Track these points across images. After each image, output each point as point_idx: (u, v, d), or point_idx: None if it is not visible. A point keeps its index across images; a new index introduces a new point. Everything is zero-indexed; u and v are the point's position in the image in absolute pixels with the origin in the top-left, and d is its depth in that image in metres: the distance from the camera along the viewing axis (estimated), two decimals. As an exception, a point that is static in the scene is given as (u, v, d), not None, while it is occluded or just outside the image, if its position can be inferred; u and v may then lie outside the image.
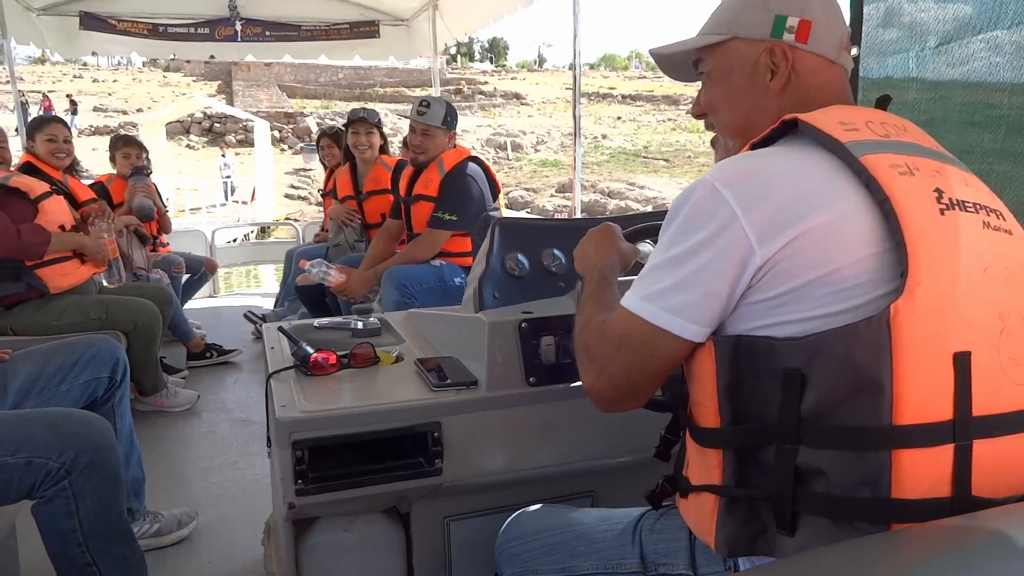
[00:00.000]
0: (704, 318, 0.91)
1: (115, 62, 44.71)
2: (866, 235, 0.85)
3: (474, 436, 1.44)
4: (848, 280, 0.85)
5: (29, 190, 2.99)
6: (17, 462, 1.54)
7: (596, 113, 37.22)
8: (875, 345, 0.81)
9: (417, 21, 6.21)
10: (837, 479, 0.85)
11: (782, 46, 1.02)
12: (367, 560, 1.50)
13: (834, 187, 0.88)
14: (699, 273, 0.89)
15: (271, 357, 1.66)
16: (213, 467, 2.88)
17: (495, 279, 1.63)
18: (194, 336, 4.12)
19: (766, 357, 0.88)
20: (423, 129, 3.33)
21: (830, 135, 0.90)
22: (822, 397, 0.85)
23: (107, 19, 5.63)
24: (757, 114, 1.05)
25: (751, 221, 0.87)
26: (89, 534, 1.59)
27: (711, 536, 0.96)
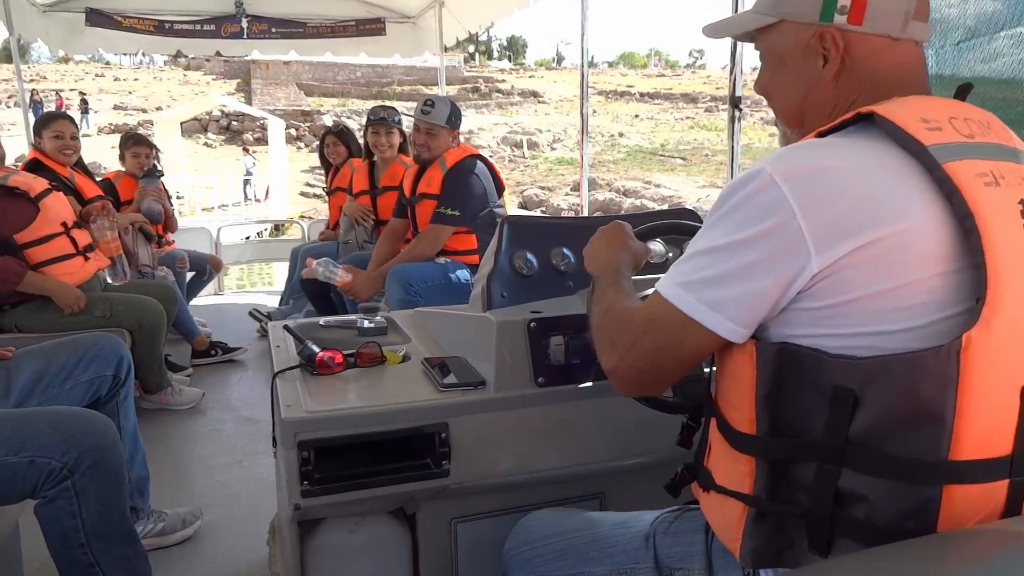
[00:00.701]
0: (744, 318, 0.85)
1: (137, 61, 45.25)
2: (940, 251, 0.78)
3: (482, 437, 1.42)
4: (913, 298, 0.78)
5: (28, 188, 2.97)
6: (20, 461, 1.52)
7: (614, 111, 37.25)
8: (941, 376, 0.76)
9: (423, 18, 6.19)
10: (880, 508, 0.81)
11: (831, 31, 0.92)
12: (373, 562, 1.48)
13: (908, 194, 0.80)
14: (745, 271, 0.83)
15: (277, 356, 1.64)
16: (218, 466, 2.87)
17: (503, 278, 1.61)
18: (199, 334, 4.10)
19: (814, 371, 0.83)
20: (427, 128, 3.32)
21: (913, 136, 0.81)
22: (875, 422, 0.80)
23: (113, 15, 5.62)
24: (813, 102, 0.97)
25: (811, 224, 0.79)
26: (92, 534, 1.58)
27: (736, 544, 0.93)
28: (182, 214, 13.75)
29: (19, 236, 2.93)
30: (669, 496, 1.18)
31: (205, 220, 10.78)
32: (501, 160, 28.58)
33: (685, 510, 1.13)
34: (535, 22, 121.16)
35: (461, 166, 3.30)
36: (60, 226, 3.07)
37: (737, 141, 2.55)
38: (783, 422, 0.87)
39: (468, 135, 30.18)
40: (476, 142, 29.53)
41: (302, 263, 4.75)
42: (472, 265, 3.25)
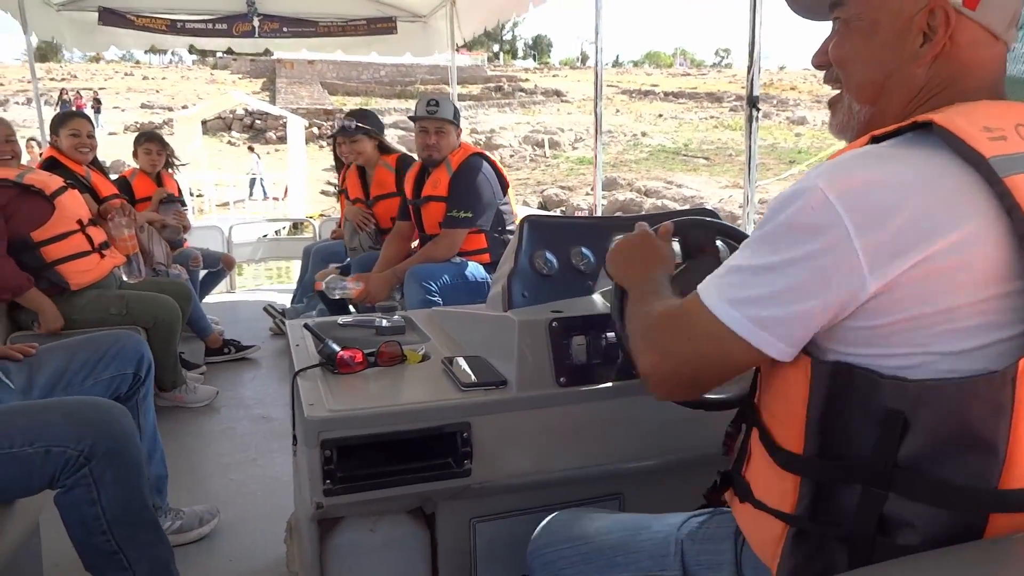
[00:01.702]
0: (792, 337, 0.83)
1: (166, 60, 45.93)
2: (998, 270, 0.75)
3: (503, 437, 1.41)
4: (968, 319, 0.76)
5: (44, 187, 2.99)
6: (36, 451, 1.53)
7: (637, 110, 37.27)
8: (995, 403, 0.74)
9: (434, 17, 6.19)
10: (924, 533, 0.79)
11: (946, 8, 0.85)
12: (392, 561, 1.49)
13: (966, 210, 0.76)
14: (795, 291, 0.80)
15: (296, 355, 1.65)
16: (233, 464, 2.87)
17: (524, 277, 1.61)
18: (212, 331, 4.12)
19: (866, 391, 0.81)
20: (437, 127, 3.30)
21: (972, 147, 0.77)
22: (923, 447, 0.78)
23: (125, 14, 5.65)
24: (897, 80, 0.90)
25: (866, 244, 0.76)
26: (113, 521, 1.59)
27: (774, 563, 0.91)
28: (203, 211, 13.86)
29: (35, 234, 2.95)
30: (689, 497, 1.18)
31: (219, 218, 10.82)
32: (522, 159, 28.56)
33: (714, 515, 1.11)
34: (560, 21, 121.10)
35: (467, 166, 3.28)
36: (76, 224, 3.09)
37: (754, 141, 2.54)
38: (832, 443, 0.85)
39: (490, 134, 30.19)
40: (497, 141, 29.52)
41: (315, 261, 4.76)
42: (484, 263, 3.25)
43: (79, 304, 3.07)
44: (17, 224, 2.91)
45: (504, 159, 28.29)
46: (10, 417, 1.60)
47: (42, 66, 39.40)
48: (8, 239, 2.89)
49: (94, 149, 3.73)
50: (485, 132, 30.38)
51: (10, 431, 1.54)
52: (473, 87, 39.88)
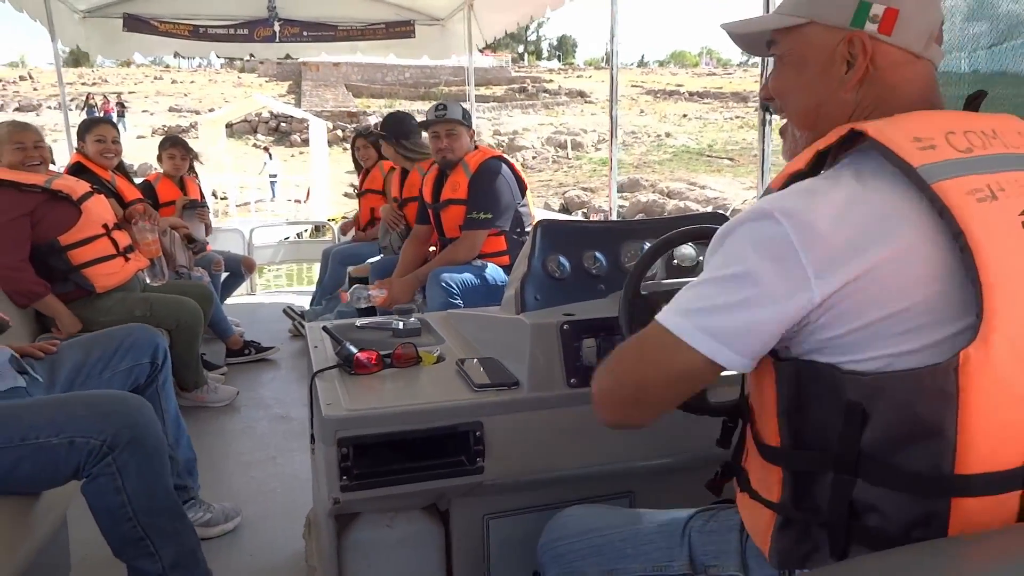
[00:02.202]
0: (744, 347, 0.87)
1: (195, 64, 46.59)
2: (936, 270, 0.80)
3: (515, 436, 1.45)
4: (918, 318, 0.80)
5: (71, 192, 3.07)
6: (61, 442, 1.60)
7: (662, 111, 37.20)
8: (940, 393, 0.78)
9: (452, 21, 6.25)
10: (891, 517, 0.84)
11: (862, 37, 0.93)
12: (407, 556, 1.53)
13: (901, 219, 0.81)
14: (747, 303, 0.85)
15: (315, 356, 1.69)
16: (254, 462, 2.93)
17: (537, 281, 1.64)
18: (233, 333, 4.19)
19: (830, 385, 0.86)
20: (448, 130, 3.33)
21: (901, 157, 0.82)
22: (882, 436, 0.83)
23: (149, 20, 5.75)
24: (829, 106, 0.97)
25: (812, 258, 0.81)
26: (139, 509, 1.65)
27: (766, 547, 0.97)
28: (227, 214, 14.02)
29: (63, 238, 3.03)
30: (698, 494, 1.21)
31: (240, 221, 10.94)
32: (545, 161, 28.58)
33: (720, 509, 1.15)
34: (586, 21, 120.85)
35: (485, 169, 3.31)
36: (101, 228, 3.17)
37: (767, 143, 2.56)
38: (803, 435, 0.90)
39: (512, 135, 30.19)
40: (520, 142, 29.53)
41: (333, 264, 4.83)
42: (504, 265, 3.28)
43: (104, 307, 3.14)
44: (45, 228, 2.99)
45: (526, 160, 28.31)
46: (35, 410, 1.67)
47: (74, 71, 40.29)
48: (36, 243, 2.97)
49: (119, 154, 3.82)
50: (508, 134, 30.46)
51: (36, 423, 1.61)
52: (497, 88, 39.97)
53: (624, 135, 31.24)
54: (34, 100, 33.09)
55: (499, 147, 28.90)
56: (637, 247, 1.71)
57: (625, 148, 29.89)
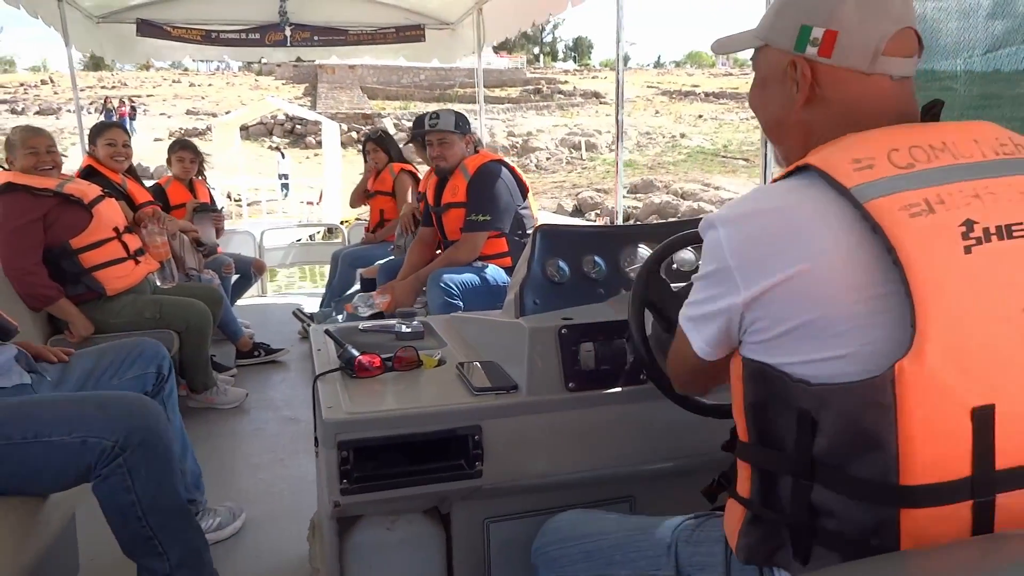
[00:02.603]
0: (707, 337, 0.98)
1: (213, 67, 46.98)
2: (863, 280, 0.82)
3: (514, 439, 1.46)
4: (843, 324, 0.82)
5: (83, 195, 3.11)
6: (73, 441, 1.63)
7: (677, 111, 37.10)
8: (878, 405, 0.79)
9: (461, 25, 6.27)
10: (848, 523, 0.85)
11: (802, 61, 0.97)
12: (408, 559, 1.54)
13: (830, 230, 0.84)
14: (706, 300, 0.96)
15: (318, 359, 1.71)
16: (262, 464, 2.96)
17: (536, 285, 1.65)
18: (243, 335, 4.22)
19: (783, 391, 0.89)
20: (439, 138, 3.39)
21: (836, 180, 0.85)
22: (831, 445, 0.85)
23: (163, 26, 5.81)
24: (787, 124, 1.02)
25: (738, 264, 0.89)
26: (148, 509, 1.68)
27: (734, 541, 1.00)
28: (240, 215, 14.12)
29: (74, 241, 3.07)
30: (698, 500, 1.22)
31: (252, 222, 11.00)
32: (559, 162, 28.56)
33: (708, 518, 1.16)
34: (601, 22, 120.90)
35: (484, 172, 3.34)
36: (112, 231, 3.21)
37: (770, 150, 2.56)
38: (766, 433, 0.94)
39: (527, 137, 30.19)
40: (534, 144, 29.53)
41: (343, 266, 4.86)
42: (505, 267, 3.30)
43: (115, 309, 3.18)
44: (57, 232, 3.03)
45: (540, 162, 28.29)
46: (48, 407, 1.70)
47: (94, 74, 40.82)
48: (48, 246, 3.01)
49: (129, 158, 3.86)
50: (522, 135, 30.46)
51: (49, 421, 1.64)
52: (512, 90, 40.02)
53: (639, 136, 31.18)
54: (54, 104, 33.51)
55: (513, 148, 28.89)
56: (635, 251, 1.72)
57: (639, 149, 29.84)
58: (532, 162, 28.22)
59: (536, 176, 26.54)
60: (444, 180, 3.48)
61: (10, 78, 40.90)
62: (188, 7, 5.85)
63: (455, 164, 3.40)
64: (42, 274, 2.99)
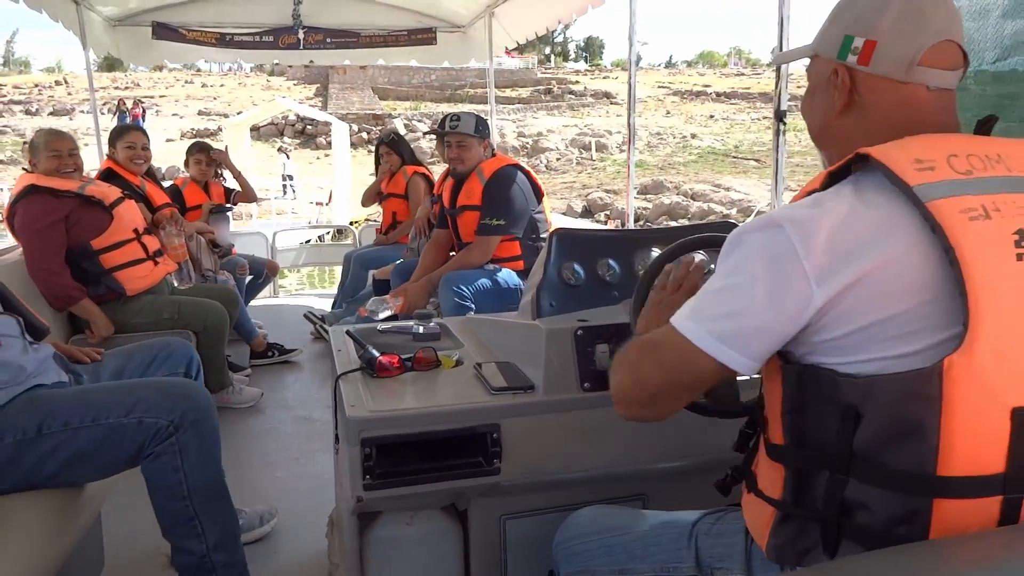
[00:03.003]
0: (752, 350, 0.93)
1: (226, 68, 47.22)
2: (926, 280, 0.85)
3: (531, 438, 1.50)
4: (908, 325, 0.86)
5: (104, 197, 3.17)
6: (130, 422, 1.71)
7: (688, 112, 36.95)
8: (925, 396, 0.82)
9: (473, 28, 6.31)
10: (879, 514, 0.88)
11: (843, 68, 1.02)
12: (427, 553, 1.57)
13: (895, 231, 0.87)
14: (754, 307, 0.91)
15: (338, 359, 1.75)
16: (278, 462, 3.00)
17: (552, 288, 1.69)
18: (257, 335, 4.27)
19: (829, 388, 0.91)
20: (458, 141, 3.42)
21: (899, 177, 0.88)
22: (873, 436, 0.88)
23: (178, 29, 5.88)
24: (830, 130, 1.07)
25: (813, 263, 0.87)
26: (193, 488, 1.76)
27: (764, 541, 1.02)
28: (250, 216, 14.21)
29: (95, 242, 3.13)
30: (710, 497, 1.25)
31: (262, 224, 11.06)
32: (569, 163, 28.48)
33: (727, 512, 1.19)
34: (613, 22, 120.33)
35: (500, 175, 3.37)
36: (132, 232, 3.26)
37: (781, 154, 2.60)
38: (804, 434, 0.96)
39: (536, 137, 30.13)
40: (544, 144, 29.46)
41: (355, 268, 4.90)
42: (518, 270, 3.33)
43: (135, 309, 3.23)
44: (79, 233, 3.08)
45: (550, 162, 28.22)
46: (107, 393, 1.79)
47: (108, 75, 41.14)
48: (69, 246, 3.07)
49: (148, 160, 3.93)
50: (532, 135, 30.45)
51: (108, 403, 1.72)
52: (523, 90, 39.99)
53: (649, 136, 31.10)
54: (68, 105, 33.81)
55: (523, 149, 28.80)
56: (649, 255, 1.75)
57: (650, 150, 29.77)
58: (542, 163, 28.20)
59: (546, 177, 26.45)
60: (460, 183, 3.50)
61: (25, 79, 41.25)
62: (203, 10, 5.92)
63: (472, 167, 3.44)
64: (66, 275, 3.05)
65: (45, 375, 1.81)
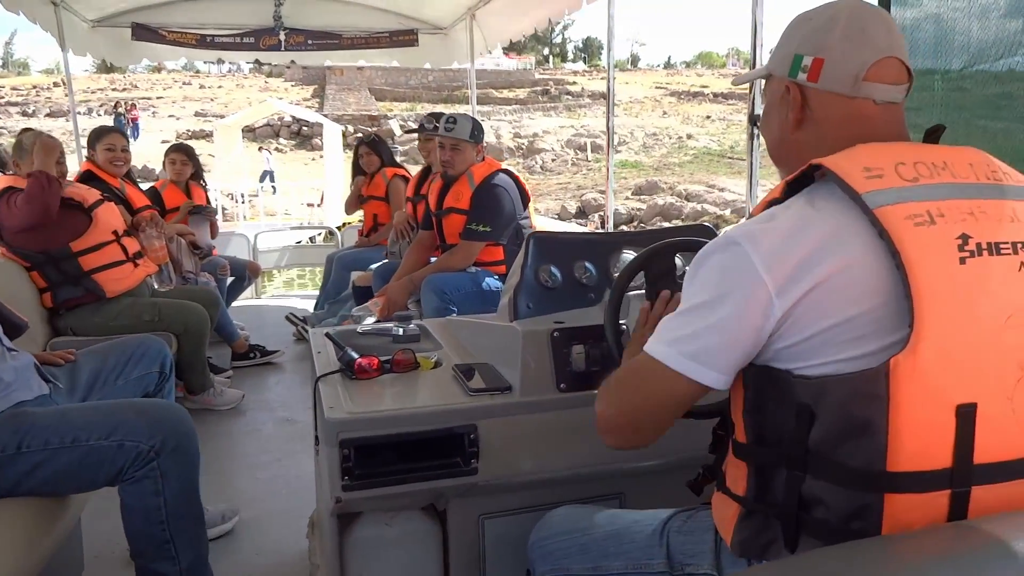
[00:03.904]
0: (723, 365, 0.97)
1: (224, 69, 46.92)
2: (878, 285, 0.88)
3: (508, 438, 1.52)
4: (862, 328, 0.89)
5: (83, 199, 3.16)
6: (110, 444, 1.70)
7: (685, 112, 36.98)
8: (873, 395, 0.86)
9: (455, 30, 6.33)
10: (834, 510, 0.92)
11: (794, 86, 1.07)
12: (406, 554, 1.59)
13: (847, 238, 0.90)
14: (721, 323, 0.95)
15: (318, 361, 1.76)
16: (259, 464, 3.01)
17: (529, 290, 1.72)
18: (238, 337, 4.26)
19: (784, 388, 0.95)
20: (452, 144, 3.40)
21: (849, 184, 0.92)
22: (826, 434, 0.91)
23: (157, 30, 5.84)
24: (786, 144, 1.11)
25: (771, 276, 0.91)
26: (172, 513, 1.74)
27: (729, 536, 1.05)
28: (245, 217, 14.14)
29: (74, 244, 3.12)
30: (686, 496, 1.28)
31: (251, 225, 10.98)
32: (564, 163, 28.43)
33: (698, 510, 1.22)
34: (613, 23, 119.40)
35: (490, 182, 3.37)
36: (111, 234, 3.26)
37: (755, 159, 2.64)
38: (764, 433, 1.00)
39: (532, 138, 30.11)
40: (540, 145, 29.43)
41: (337, 269, 4.90)
42: (500, 274, 3.35)
43: (114, 311, 3.23)
44: (58, 235, 3.07)
45: (545, 163, 28.18)
46: (87, 413, 1.77)
47: (106, 76, 40.94)
48: (49, 249, 3.06)
49: (128, 162, 3.92)
50: (528, 136, 30.43)
51: (88, 424, 1.71)
52: (520, 91, 39.95)
53: (645, 137, 31.21)
54: (64, 106, 33.59)
55: (519, 150, 28.77)
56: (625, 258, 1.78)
57: (645, 150, 29.84)
58: (537, 163, 28.15)
59: (541, 178, 26.52)
60: (448, 184, 3.51)
61: (24, 80, 40.83)
62: (183, 11, 5.88)
63: (463, 171, 3.43)
64: None
65: (27, 387, 1.81)
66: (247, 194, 15.16)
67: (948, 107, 2.01)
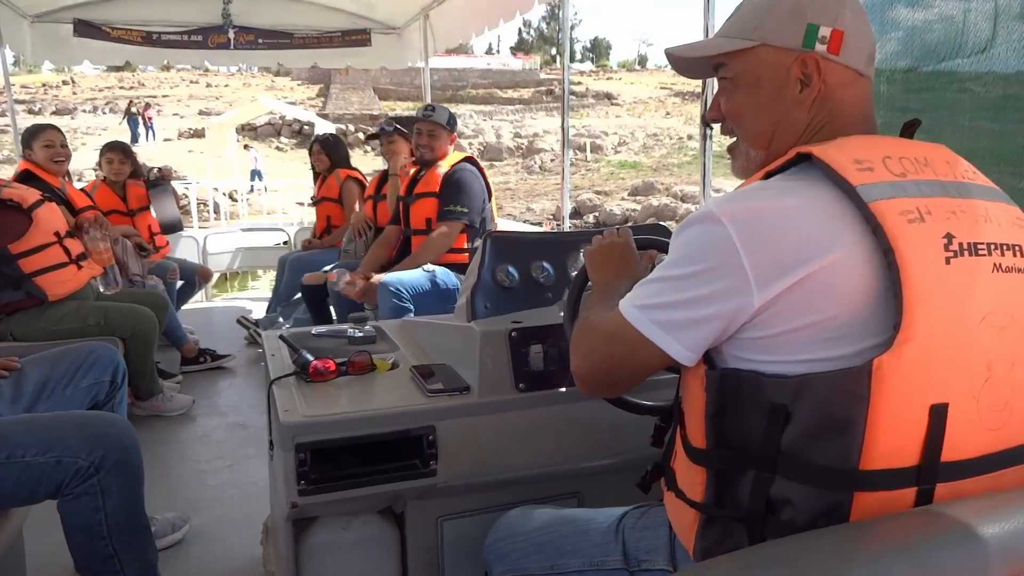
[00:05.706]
0: (692, 343, 0.94)
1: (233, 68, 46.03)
2: (866, 283, 0.85)
3: (467, 439, 1.51)
4: (842, 328, 0.86)
5: (22, 200, 3.05)
6: (47, 461, 1.63)
7: (688, 112, 37.11)
8: (855, 394, 0.84)
9: (408, 30, 6.29)
10: (802, 510, 0.90)
11: (814, 57, 0.99)
12: (364, 558, 1.57)
13: (839, 232, 0.87)
14: (695, 301, 0.92)
15: (272, 364, 1.73)
16: (210, 470, 2.94)
17: (486, 290, 1.71)
18: (188, 341, 4.17)
19: (753, 390, 0.92)
20: (429, 129, 3.56)
21: (843, 177, 0.88)
22: (801, 433, 0.89)
23: (100, 26, 5.67)
24: (785, 125, 1.02)
25: (753, 262, 0.87)
26: (114, 527, 1.68)
27: (691, 544, 1.03)
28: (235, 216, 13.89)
29: (13, 246, 3.01)
30: (640, 493, 1.29)
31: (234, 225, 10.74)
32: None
33: (652, 506, 1.22)
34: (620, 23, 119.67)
35: (461, 167, 3.53)
36: (53, 236, 3.15)
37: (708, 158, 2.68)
38: (728, 437, 0.97)
39: (532, 138, 30.10)
40: (539, 145, 29.39)
41: (289, 272, 4.83)
42: (460, 264, 3.36)
43: (58, 315, 3.12)
44: None
45: (544, 163, 28.22)
46: (23, 427, 1.69)
47: (115, 75, 40.45)
48: None
49: (68, 159, 3.79)
50: (528, 136, 30.41)
51: (23, 440, 1.64)
52: (524, 91, 40.03)
53: (646, 137, 31.36)
54: (70, 104, 33.27)
55: (519, 149, 28.75)
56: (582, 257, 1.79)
57: (645, 151, 29.93)
58: (536, 163, 28.10)
59: (540, 177, 26.55)
60: (419, 173, 3.62)
61: (34, 78, 39.66)
62: (128, 7, 5.73)
63: (437, 157, 3.57)
64: None
65: None
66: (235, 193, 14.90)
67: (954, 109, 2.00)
